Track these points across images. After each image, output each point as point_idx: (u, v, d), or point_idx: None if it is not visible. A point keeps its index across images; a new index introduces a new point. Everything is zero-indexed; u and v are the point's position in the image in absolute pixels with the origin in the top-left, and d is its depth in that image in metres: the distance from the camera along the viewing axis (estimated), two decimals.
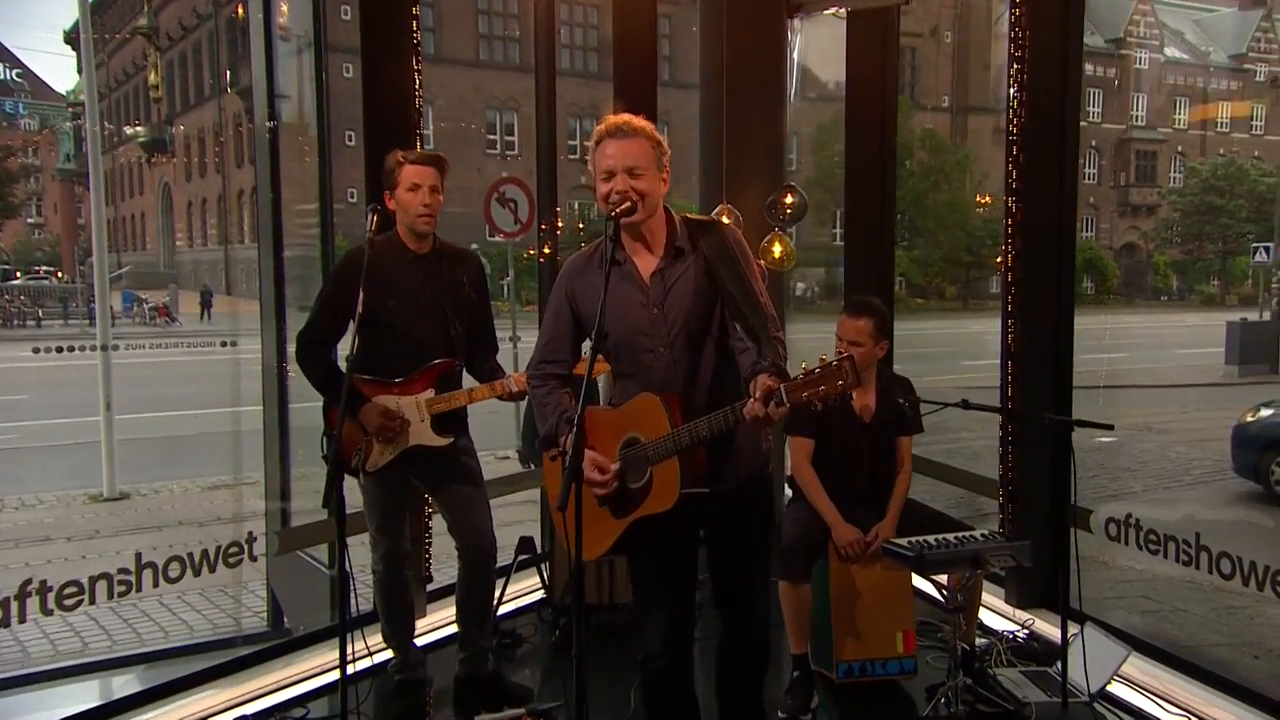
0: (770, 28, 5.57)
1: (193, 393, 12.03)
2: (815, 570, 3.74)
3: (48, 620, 3.49)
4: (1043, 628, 4.15)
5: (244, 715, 3.61)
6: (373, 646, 3.74)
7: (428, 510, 4.31)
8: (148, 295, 30.16)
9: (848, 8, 5.48)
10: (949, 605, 3.45)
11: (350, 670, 3.21)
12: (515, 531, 4.67)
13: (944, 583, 3.62)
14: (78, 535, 7.59)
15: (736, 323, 2.53)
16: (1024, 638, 4.07)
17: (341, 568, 3.36)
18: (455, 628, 3.83)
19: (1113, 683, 3.63)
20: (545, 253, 5.67)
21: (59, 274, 40.35)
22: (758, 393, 2.34)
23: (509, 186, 9.47)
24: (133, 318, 28.50)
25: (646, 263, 2.63)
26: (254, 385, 5.01)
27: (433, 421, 3.46)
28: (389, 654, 3.90)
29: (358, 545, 3.66)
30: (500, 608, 4.26)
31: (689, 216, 2.70)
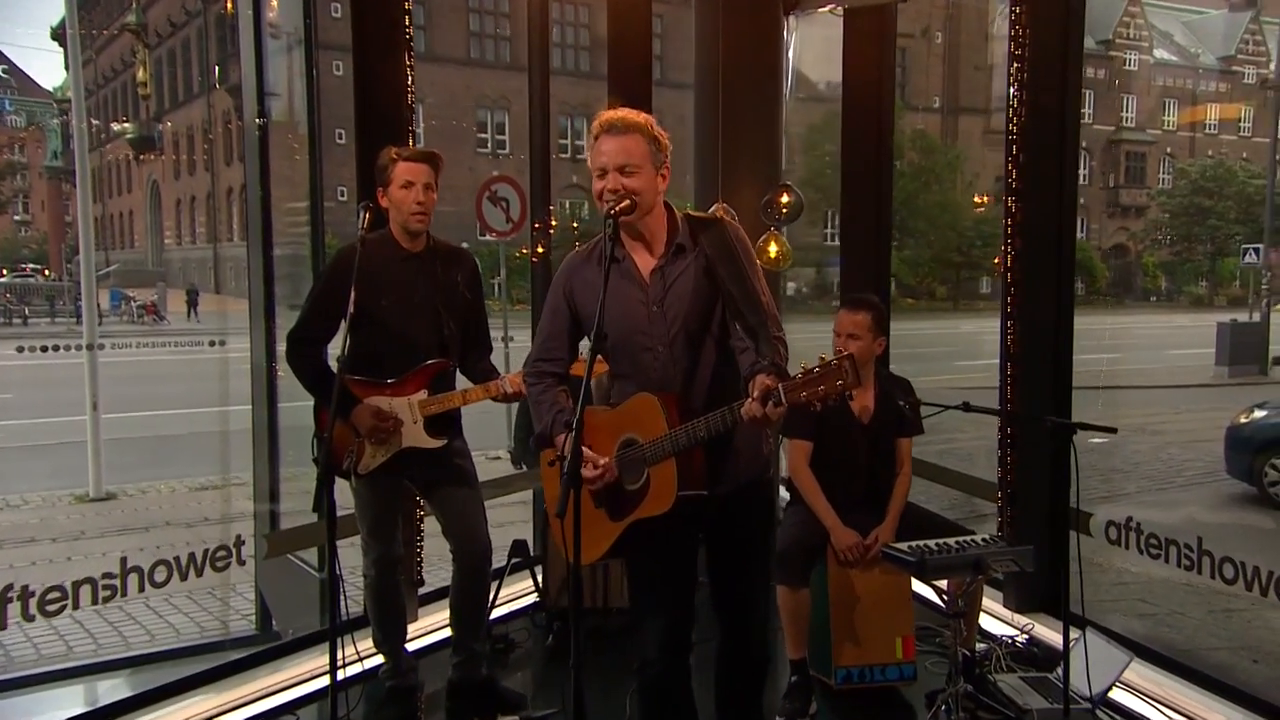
0: (766, 25, 5.52)
1: (180, 392, 11.94)
2: (813, 574, 3.68)
3: (30, 623, 3.40)
4: (1042, 632, 4.10)
5: None
6: (363, 651, 3.68)
7: (419, 512, 4.25)
8: (135, 293, 30.05)
9: (845, 5, 5.43)
10: (949, 611, 3.40)
11: (340, 676, 3.15)
12: (506, 533, 4.61)
13: (943, 587, 3.57)
14: (63, 536, 7.48)
15: (736, 322, 2.48)
16: (1024, 643, 4.02)
17: (332, 571, 3.29)
18: (448, 632, 3.77)
19: (1114, 689, 3.58)
20: (539, 252, 5.61)
21: (46, 272, 40.17)
22: (755, 392, 2.28)
23: (501, 185, 9.42)
24: (120, 316, 28.40)
25: (646, 260, 2.57)
26: (243, 384, 4.95)
27: (426, 423, 3.40)
28: (380, 659, 3.83)
29: (347, 547, 3.59)
30: (493, 611, 4.20)
31: (691, 213, 2.64)
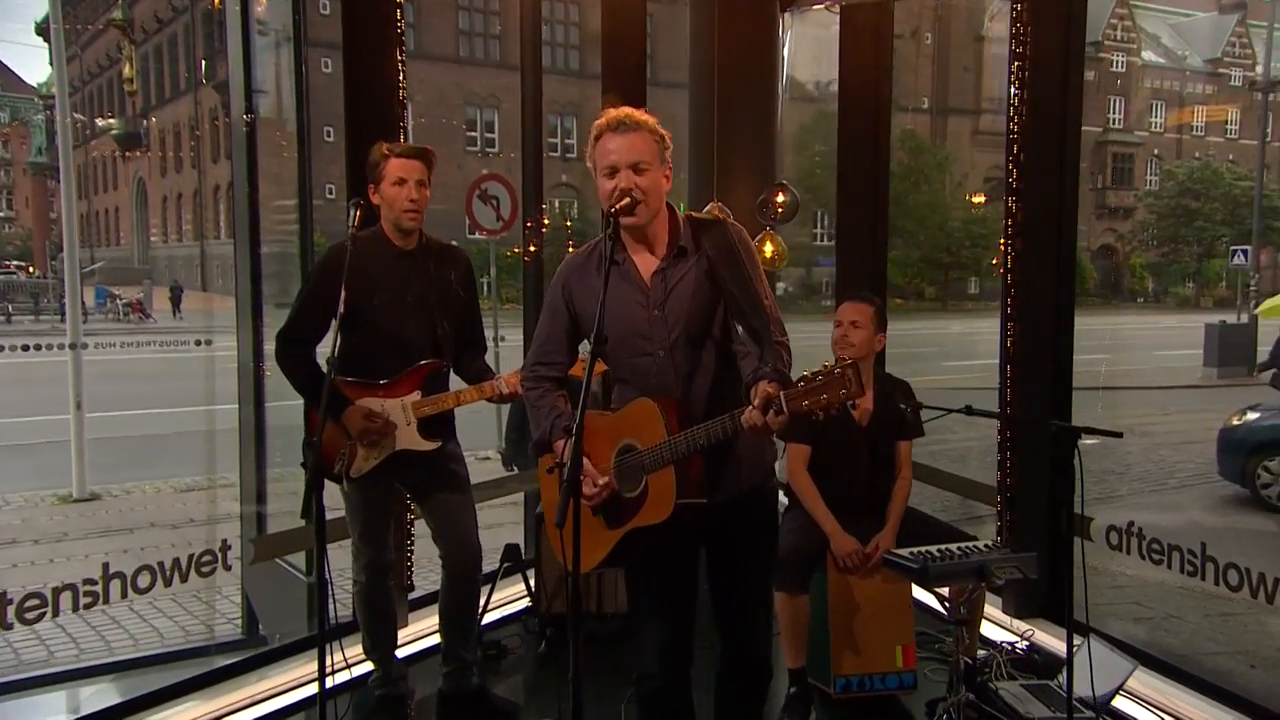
0: (762, 22, 5.46)
1: (166, 390, 11.82)
2: (812, 581, 3.62)
3: (8, 630, 3.32)
4: (1042, 638, 4.04)
5: None
6: (352, 658, 3.59)
7: (409, 515, 4.17)
8: (121, 291, 29.85)
9: (842, 1, 5.37)
10: (952, 618, 3.34)
11: (329, 684, 3.06)
12: (497, 534, 4.54)
13: (944, 594, 3.51)
14: (45, 538, 7.37)
15: (739, 325, 2.41)
16: (1024, 649, 3.97)
17: (320, 576, 3.20)
18: (438, 638, 3.70)
19: (1117, 696, 3.53)
20: (531, 251, 5.54)
21: (30, 269, 39.85)
22: (756, 400, 2.21)
23: (491, 183, 9.37)
24: (106, 314, 28.22)
25: (647, 262, 2.50)
26: (229, 383, 4.88)
27: (419, 425, 3.32)
28: (369, 666, 3.75)
29: (336, 550, 3.51)
30: (484, 617, 4.12)
31: (693, 214, 2.57)
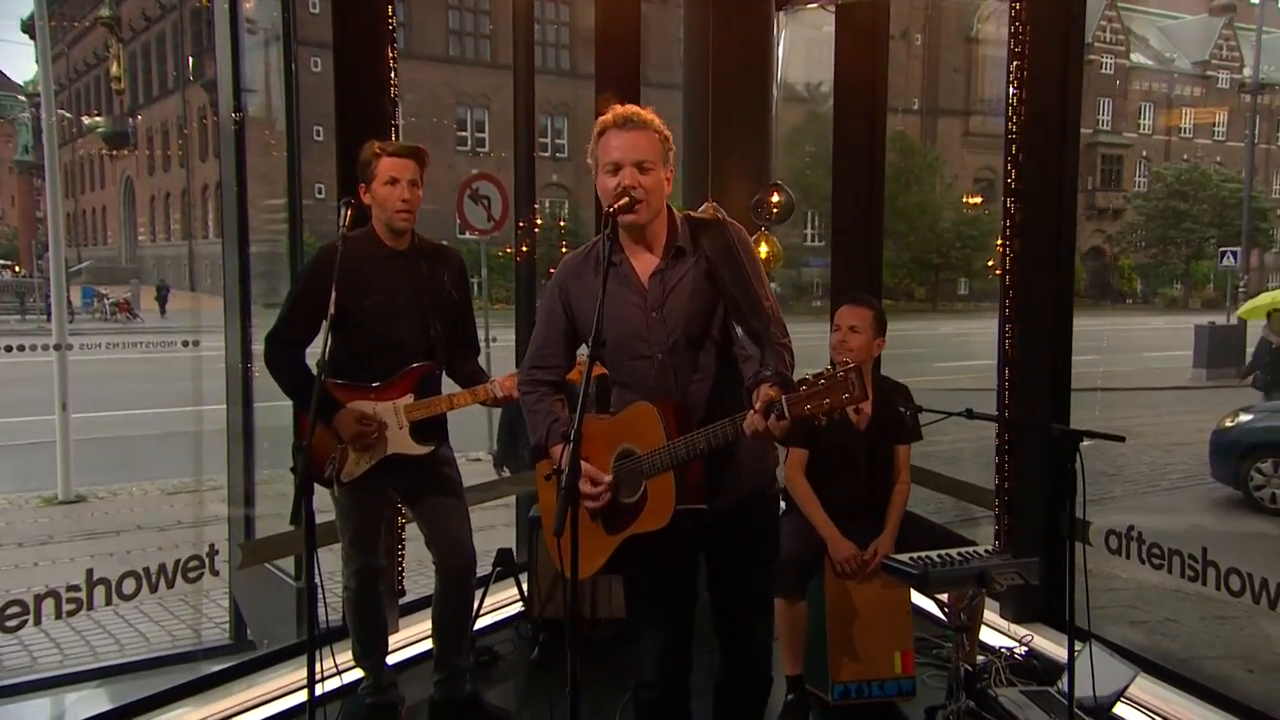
0: (757, 20, 5.41)
1: (153, 391, 11.71)
2: (810, 587, 3.57)
3: None
4: (1041, 644, 4.00)
5: None
6: (342, 665, 3.55)
7: (401, 520, 4.12)
8: (109, 290, 29.69)
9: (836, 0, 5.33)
10: (951, 624, 3.30)
11: (319, 691, 3.02)
12: (488, 537, 4.48)
13: (944, 600, 3.47)
14: (29, 541, 7.27)
15: (739, 327, 2.36)
16: (1023, 655, 3.92)
17: (310, 582, 3.14)
18: (429, 643, 3.65)
19: (1118, 704, 3.49)
20: (524, 251, 5.49)
21: (16, 268, 39.59)
22: (758, 404, 2.16)
23: (482, 183, 9.30)
24: (93, 313, 28.07)
25: (645, 263, 2.44)
26: (217, 383, 4.80)
27: (412, 429, 3.26)
28: (360, 674, 3.68)
29: (326, 553, 3.45)
30: (476, 622, 4.06)
31: (691, 214, 2.52)
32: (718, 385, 2.43)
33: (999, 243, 4.31)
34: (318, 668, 2.97)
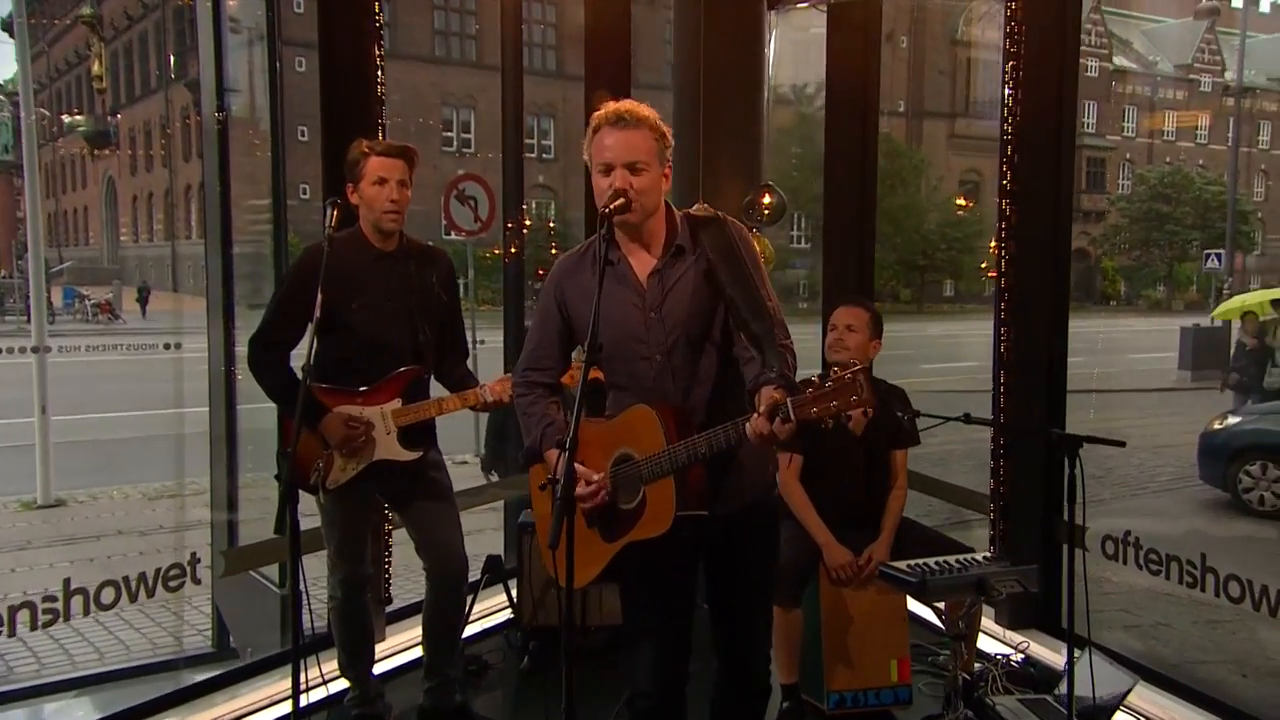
0: (748, 20, 5.36)
1: (135, 393, 11.58)
2: (805, 593, 3.51)
3: None
4: (1038, 650, 3.96)
5: None
6: (327, 675, 3.46)
7: (387, 525, 4.04)
8: (90, 291, 29.43)
9: None
10: (949, 632, 3.25)
11: (303, 701, 2.95)
12: (476, 541, 4.40)
13: (941, 608, 3.41)
14: (7, 546, 7.14)
15: (740, 329, 2.29)
16: (1019, 662, 3.88)
17: (295, 590, 3.07)
18: (418, 652, 3.58)
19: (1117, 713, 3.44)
20: (512, 252, 5.43)
21: None
22: (762, 407, 2.10)
23: (468, 184, 9.23)
24: (74, 314, 27.83)
25: (643, 263, 2.38)
26: (199, 385, 4.73)
27: (400, 434, 3.19)
28: (346, 683, 3.60)
29: (311, 558, 3.37)
30: (464, 630, 3.98)
31: (690, 212, 2.45)
32: (718, 388, 2.37)
33: (992, 245, 4.28)
34: (303, 678, 2.90)
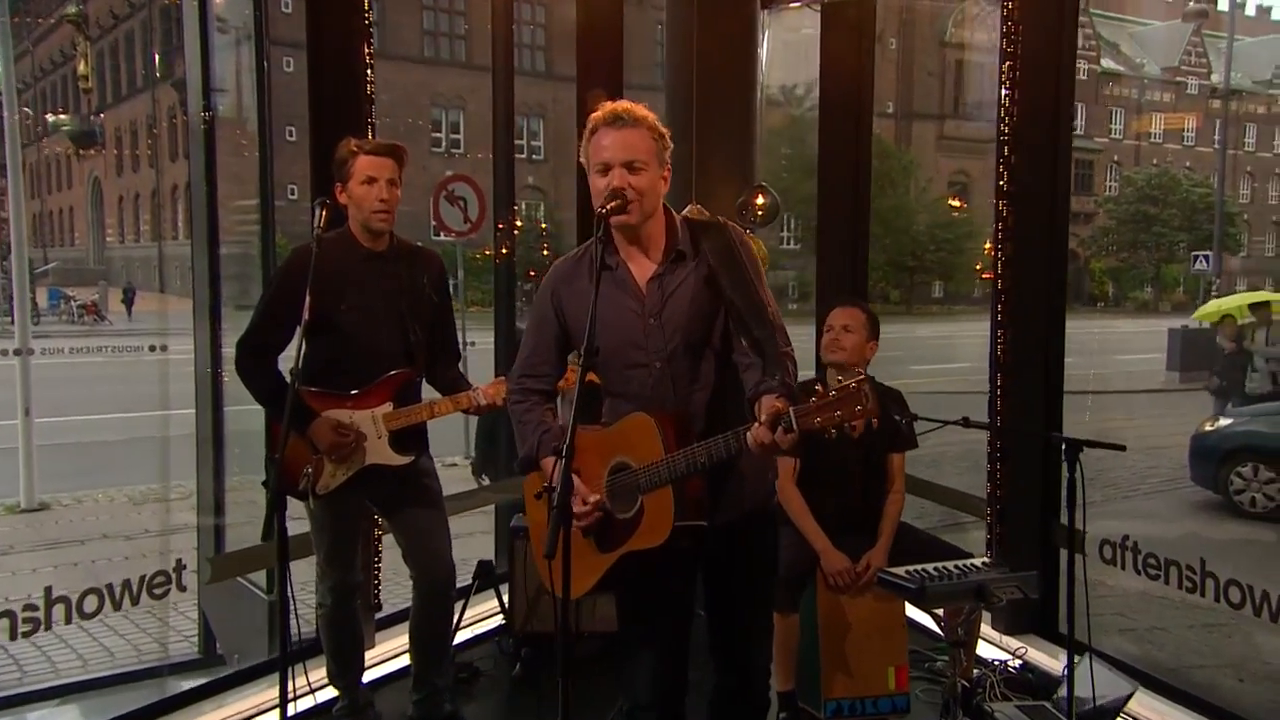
0: (742, 20, 5.31)
1: (120, 394, 11.47)
2: (802, 600, 3.46)
3: None
4: (1035, 656, 3.92)
5: None
6: (316, 683, 3.41)
7: (377, 532, 3.98)
8: (75, 292, 29.20)
9: None
10: (948, 640, 3.20)
11: (291, 710, 2.89)
12: (466, 544, 4.34)
13: (939, 614, 3.37)
14: None
15: (740, 335, 2.24)
16: (1017, 668, 3.84)
17: (283, 597, 3.00)
18: (407, 659, 3.51)
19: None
20: (503, 253, 5.37)
21: None
22: (764, 416, 2.05)
23: (458, 184, 9.18)
24: (59, 315, 27.62)
25: (642, 267, 2.33)
26: (185, 387, 4.66)
27: (391, 438, 3.13)
28: (335, 692, 3.54)
29: (299, 564, 3.31)
30: (455, 636, 3.92)
31: (690, 217, 2.40)
32: (717, 395, 2.32)
33: (987, 245, 4.24)
34: (290, 686, 2.85)
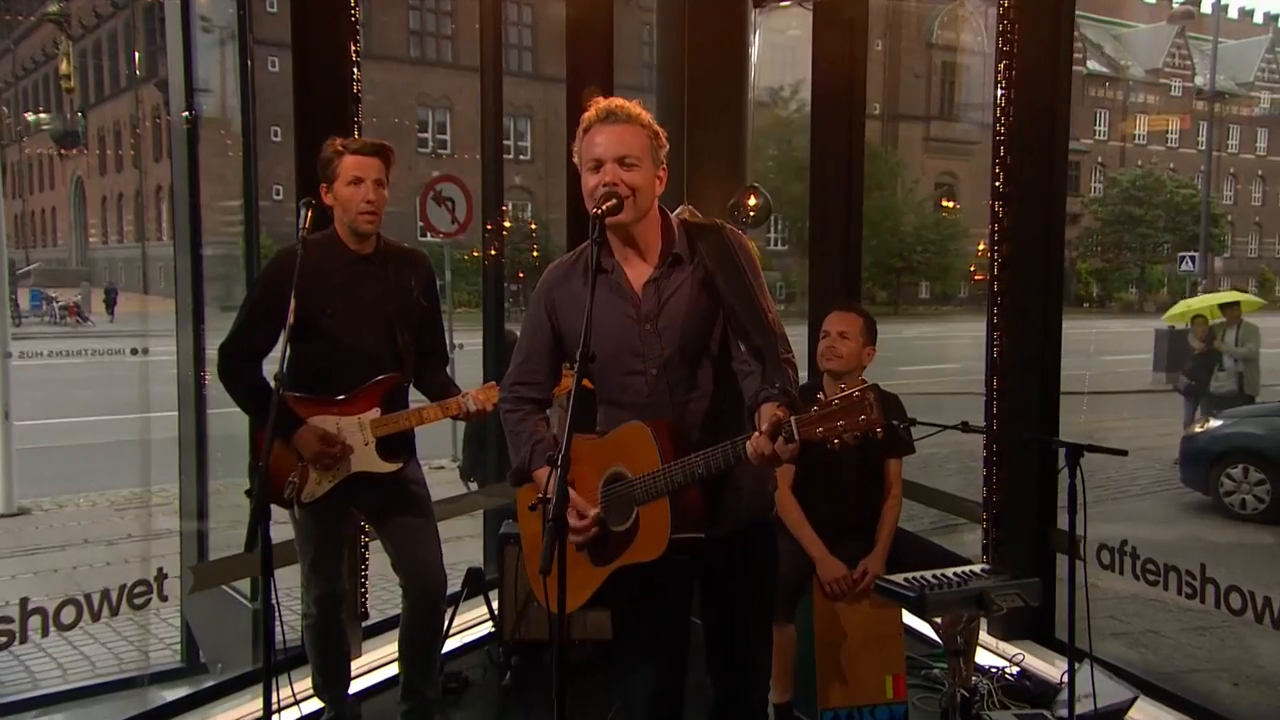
0: (733, 19, 5.26)
1: (101, 397, 11.33)
2: (798, 608, 3.41)
3: None
4: (1033, 663, 3.87)
5: None
6: (301, 694, 3.33)
7: (364, 538, 3.90)
8: (58, 293, 28.94)
9: None
10: (948, 648, 3.15)
11: None
12: (454, 548, 4.24)
13: (938, 621, 3.32)
14: None
15: (739, 341, 2.18)
16: (1014, 675, 3.79)
17: (266, 605, 2.92)
18: (395, 668, 3.44)
19: None
20: (491, 254, 5.30)
21: None
22: (764, 425, 1.98)
23: (446, 185, 9.09)
24: (41, 316, 27.38)
25: (638, 271, 2.26)
26: (167, 389, 4.58)
27: (378, 445, 3.05)
28: (320, 702, 3.46)
29: (284, 570, 3.22)
30: (443, 645, 3.84)
31: (687, 220, 2.34)
32: (715, 403, 2.25)
33: (980, 247, 4.20)
34: (275, 698, 2.77)
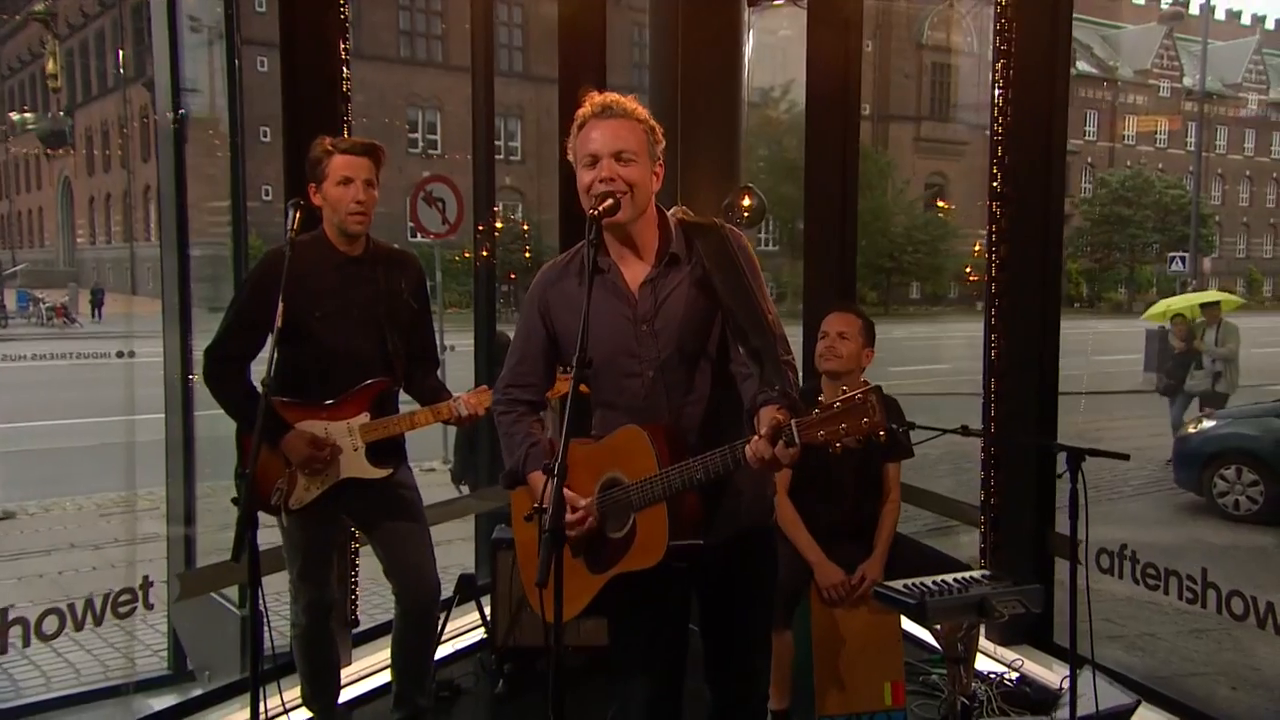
0: (727, 18, 5.21)
1: (87, 399, 11.24)
2: (795, 614, 3.36)
3: None
4: (1032, 668, 3.83)
5: None
6: (290, 703, 3.27)
7: (354, 544, 3.84)
8: (45, 294, 28.79)
9: None
10: (947, 655, 3.10)
11: None
12: (445, 552, 4.20)
13: (937, 628, 3.27)
14: None
15: (738, 343, 2.12)
16: (1014, 681, 3.75)
17: (254, 613, 2.86)
18: (386, 676, 3.39)
19: None
20: (483, 255, 5.25)
21: None
22: (764, 429, 1.93)
23: (436, 185, 9.02)
24: (28, 318, 27.25)
25: (635, 271, 2.21)
26: (153, 391, 4.51)
27: (368, 450, 2.99)
28: (309, 712, 3.40)
29: (273, 576, 3.17)
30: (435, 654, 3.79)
31: (685, 219, 2.29)
32: (713, 405, 2.20)
33: (976, 247, 4.16)
34: (263, 707, 2.72)
